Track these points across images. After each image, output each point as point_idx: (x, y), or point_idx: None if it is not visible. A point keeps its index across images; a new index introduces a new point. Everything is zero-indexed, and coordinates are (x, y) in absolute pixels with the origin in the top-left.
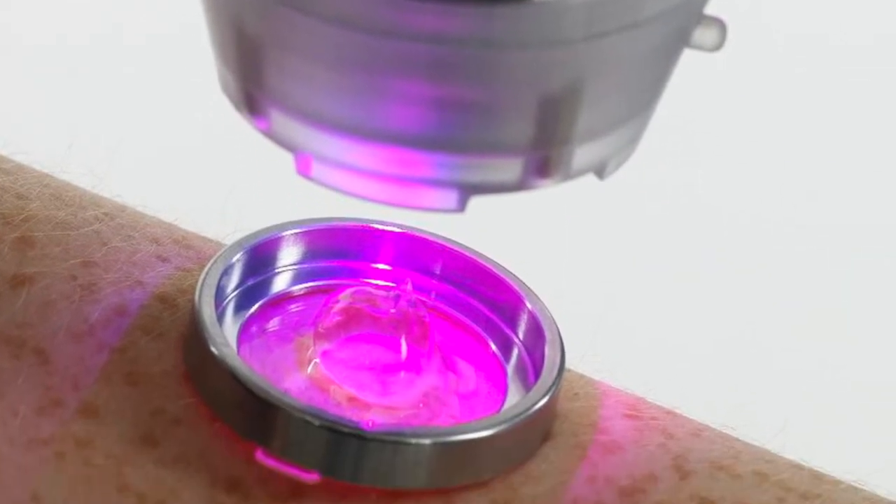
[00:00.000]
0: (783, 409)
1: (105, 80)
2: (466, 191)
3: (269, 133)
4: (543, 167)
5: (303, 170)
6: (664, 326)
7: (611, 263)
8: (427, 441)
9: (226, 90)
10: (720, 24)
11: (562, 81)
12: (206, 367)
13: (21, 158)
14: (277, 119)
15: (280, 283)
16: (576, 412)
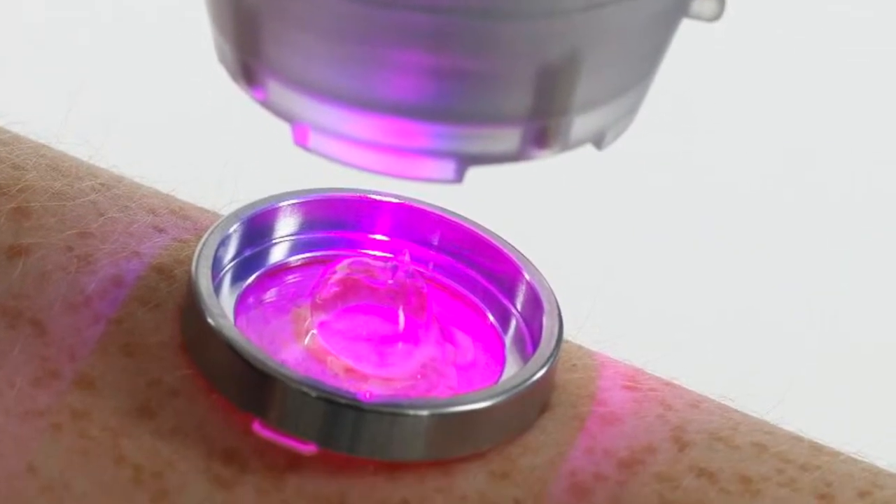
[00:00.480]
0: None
1: (102, 51)
2: (464, 161)
3: (267, 103)
4: (541, 137)
5: (300, 140)
6: (663, 297)
7: (609, 234)
8: (425, 412)
9: (223, 60)
10: None
11: (560, 51)
12: (203, 339)
13: (17, 129)
14: (275, 89)
15: (277, 254)
16: (574, 383)
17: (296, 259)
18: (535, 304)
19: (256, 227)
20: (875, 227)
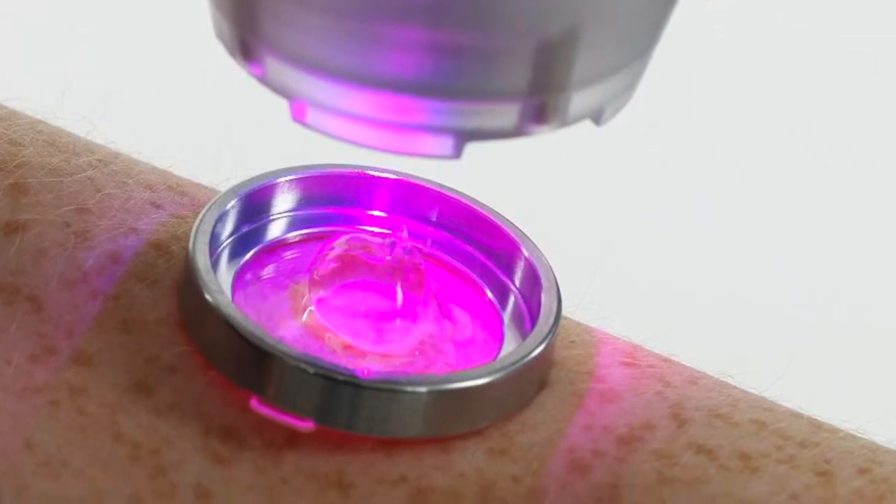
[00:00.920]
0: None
1: (99, 26)
2: (462, 137)
3: (264, 79)
4: (540, 113)
5: (298, 116)
6: (661, 274)
7: (607, 211)
8: (423, 389)
9: (220, 36)
10: None
11: (559, 27)
12: (201, 315)
13: (14, 104)
14: (272, 65)
15: (275, 231)
16: (572, 360)
17: (293, 235)
18: (534, 281)
19: (254, 203)
20: (874, 204)
